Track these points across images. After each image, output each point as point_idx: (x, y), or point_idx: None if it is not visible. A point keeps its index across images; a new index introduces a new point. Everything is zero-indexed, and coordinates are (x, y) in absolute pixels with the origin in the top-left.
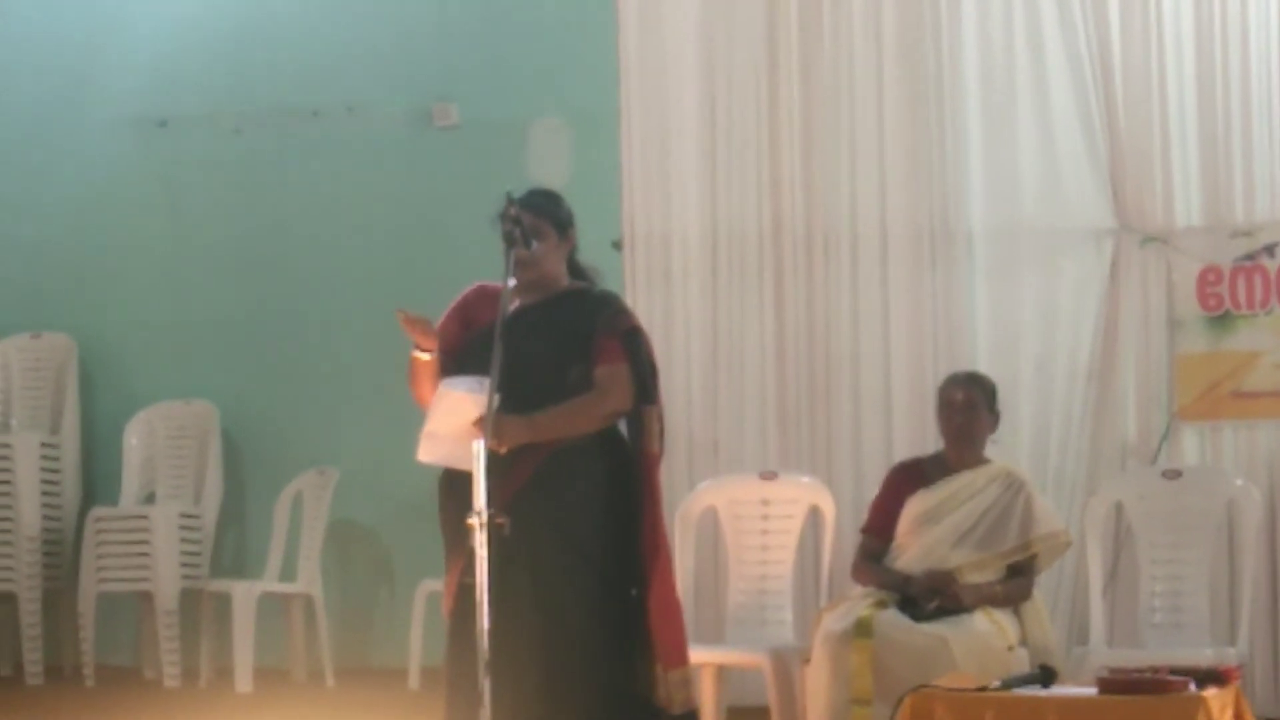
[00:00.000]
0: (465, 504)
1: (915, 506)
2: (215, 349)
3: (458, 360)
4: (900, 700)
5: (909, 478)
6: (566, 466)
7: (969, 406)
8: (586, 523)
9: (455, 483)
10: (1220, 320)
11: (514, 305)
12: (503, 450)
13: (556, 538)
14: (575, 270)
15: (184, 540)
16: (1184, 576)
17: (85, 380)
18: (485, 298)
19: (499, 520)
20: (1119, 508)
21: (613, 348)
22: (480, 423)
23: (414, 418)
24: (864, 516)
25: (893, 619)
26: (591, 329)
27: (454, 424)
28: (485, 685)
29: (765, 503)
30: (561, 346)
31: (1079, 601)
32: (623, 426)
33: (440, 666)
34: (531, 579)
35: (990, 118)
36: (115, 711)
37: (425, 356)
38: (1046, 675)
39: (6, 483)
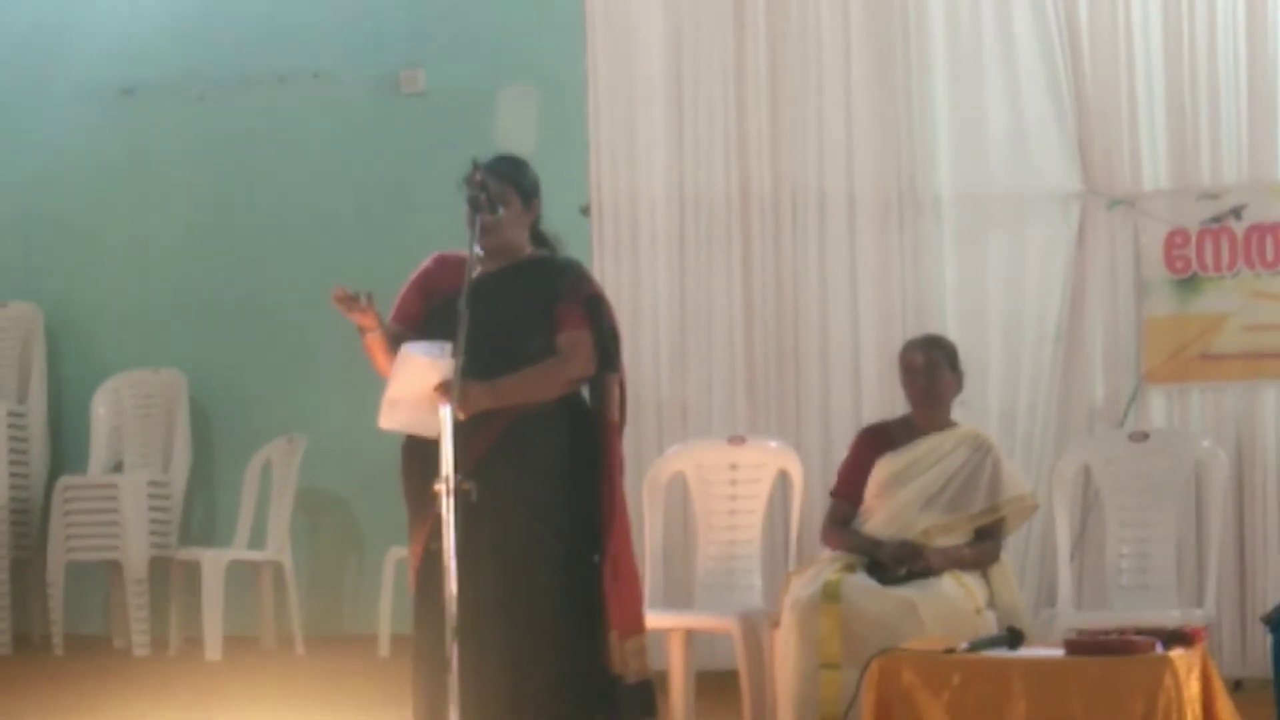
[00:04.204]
0: (428, 470)
1: (883, 470)
2: (183, 317)
3: (421, 331)
4: (868, 663)
5: (876, 441)
6: (529, 433)
7: (931, 368)
8: (550, 490)
9: (417, 449)
10: (1188, 283)
11: (476, 272)
12: (463, 416)
13: (520, 504)
14: (538, 239)
15: (152, 509)
16: (1151, 538)
17: (52, 349)
18: (445, 267)
19: (465, 487)
20: (1086, 470)
21: (575, 314)
22: (441, 388)
23: (382, 386)
24: (832, 480)
25: (860, 583)
26: (554, 296)
27: (415, 390)
28: (453, 651)
29: (733, 467)
30: (524, 313)
31: (1047, 564)
32: (585, 393)
33: (409, 633)
34: (495, 546)
35: (957, 81)
36: (84, 680)
37: (368, 335)
38: (1014, 637)
39: None
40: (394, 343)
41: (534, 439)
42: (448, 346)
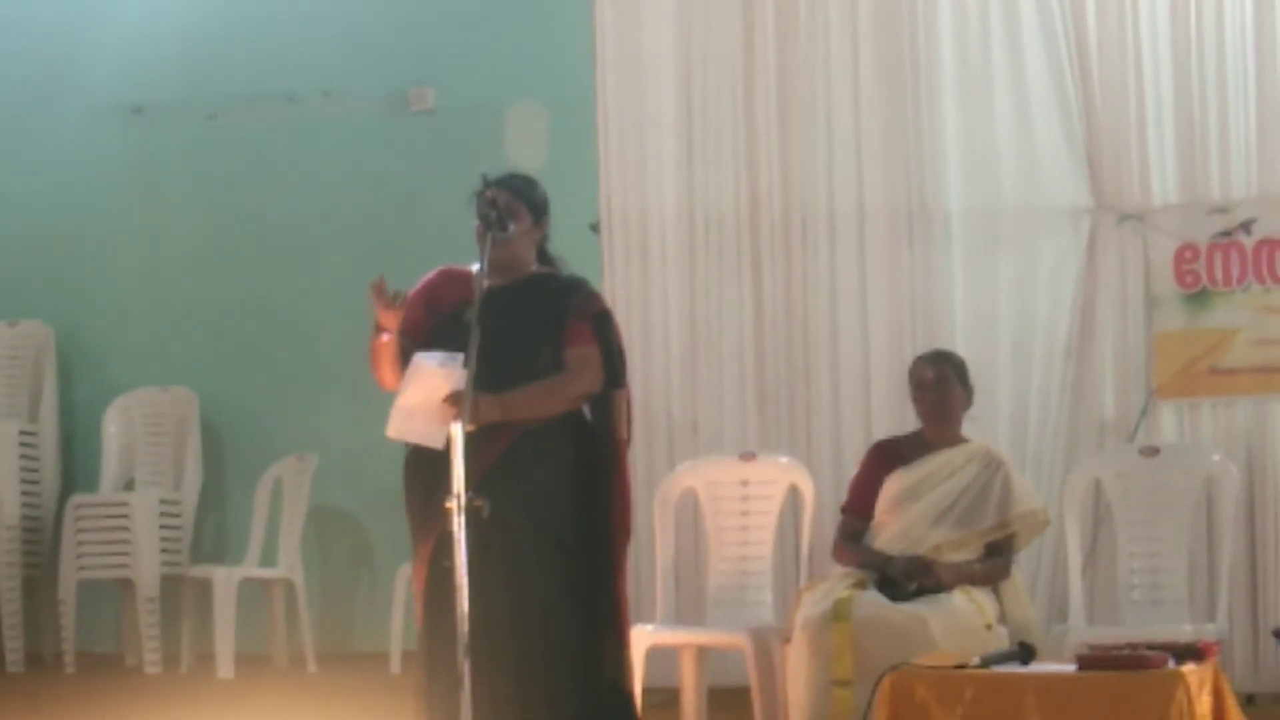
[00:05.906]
0: (432, 483)
1: (894, 485)
2: (193, 335)
3: (424, 344)
4: (880, 679)
5: (887, 456)
6: (535, 448)
7: (940, 382)
8: (556, 505)
9: (421, 462)
10: (1197, 298)
11: (484, 286)
12: (471, 428)
13: (526, 519)
14: (543, 258)
15: (164, 526)
16: (1162, 553)
17: (63, 368)
18: (449, 280)
19: (477, 503)
20: (1097, 485)
21: (583, 330)
22: (451, 399)
23: (387, 400)
24: (843, 496)
25: (871, 599)
26: (562, 312)
27: (426, 399)
28: (465, 667)
29: (744, 483)
30: (532, 328)
31: (1058, 579)
32: (586, 411)
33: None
34: (503, 561)
35: (966, 97)
36: (96, 698)
37: (384, 338)
38: (1026, 653)
39: None
40: (402, 354)
41: (540, 454)
42: (460, 358)
